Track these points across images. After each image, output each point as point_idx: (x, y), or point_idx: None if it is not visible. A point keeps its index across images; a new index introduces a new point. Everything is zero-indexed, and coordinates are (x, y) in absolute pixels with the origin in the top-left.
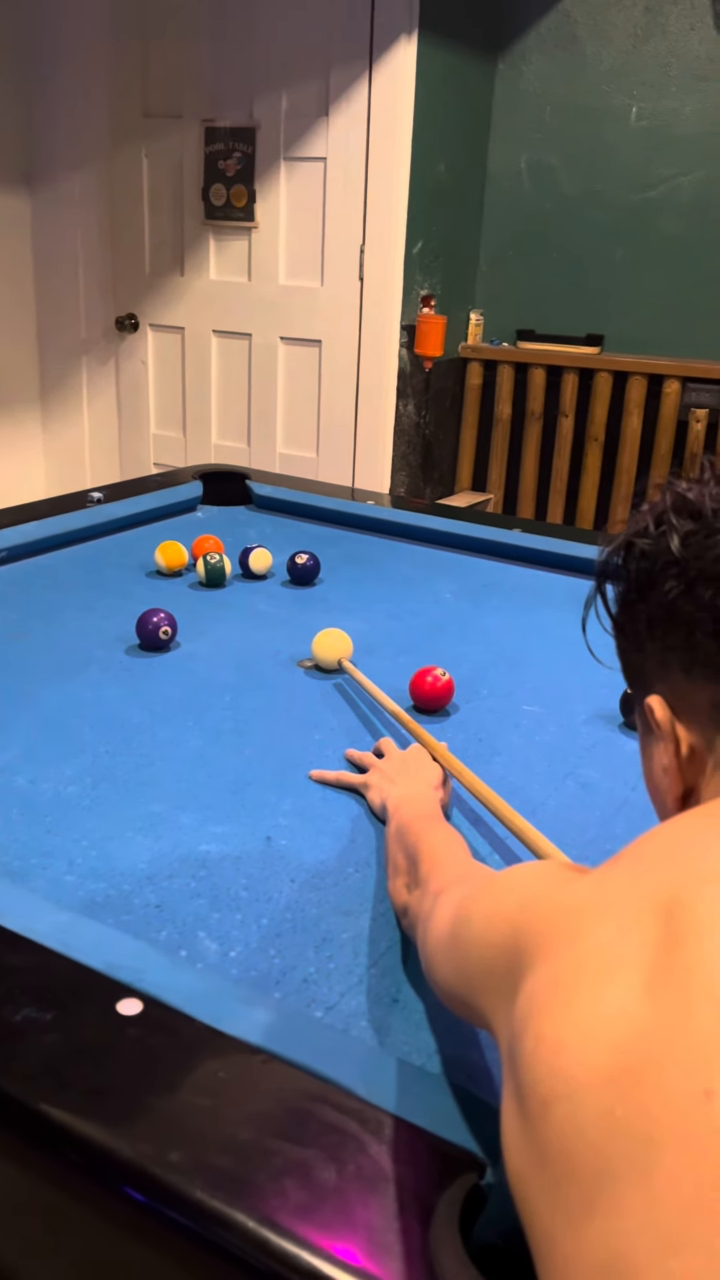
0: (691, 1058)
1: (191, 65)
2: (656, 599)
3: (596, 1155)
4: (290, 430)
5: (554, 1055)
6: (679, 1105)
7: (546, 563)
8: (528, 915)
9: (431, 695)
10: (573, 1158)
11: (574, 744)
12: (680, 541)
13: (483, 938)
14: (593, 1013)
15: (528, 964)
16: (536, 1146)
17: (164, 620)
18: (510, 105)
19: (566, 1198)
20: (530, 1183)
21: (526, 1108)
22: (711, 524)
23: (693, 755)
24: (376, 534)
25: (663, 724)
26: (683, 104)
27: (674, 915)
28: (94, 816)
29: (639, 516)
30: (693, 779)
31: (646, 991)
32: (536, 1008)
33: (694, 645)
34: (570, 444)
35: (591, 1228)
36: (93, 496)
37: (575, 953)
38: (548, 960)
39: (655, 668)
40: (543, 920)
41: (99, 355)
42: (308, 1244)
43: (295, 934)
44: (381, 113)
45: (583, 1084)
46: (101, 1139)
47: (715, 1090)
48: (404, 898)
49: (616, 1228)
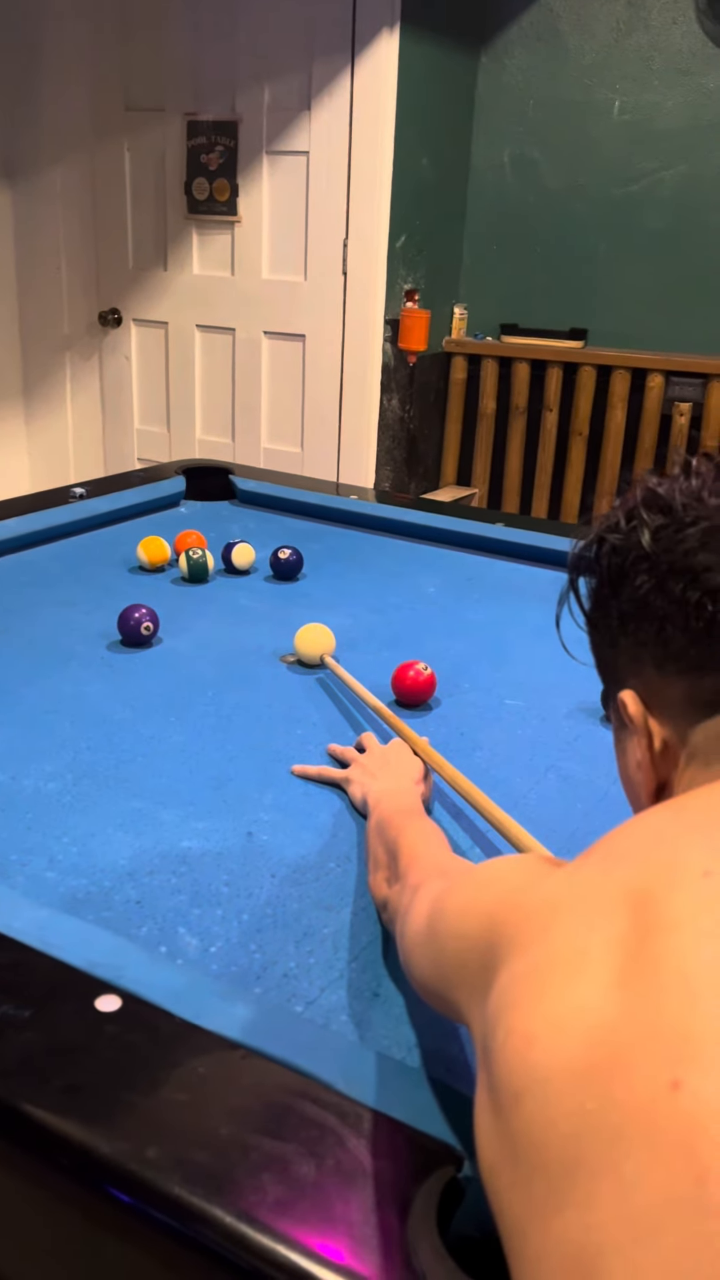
0: (659, 1049)
1: (173, 58)
2: (628, 594)
3: (566, 1148)
4: (274, 425)
5: (525, 1048)
6: (646, 1097)
7: (530, 557)
8: (501, 910)
9: (414, 689)
10: (543, 1151)
11: (556, 737)
12: (651, 536)
13: (457, 932)
14: (563, 1006)
15: (501, 958)
16: (508, 1140)
17: (146, 616)
18: (493, 99)
19: (537, 1190)
20: (502, 1176)
21: (498, 1101)
22: (682, 519)
23: (666, 749)
24: (360, 529)
25: (635, 718)
26: (665, 98)
27: (644, 908)
28: (75, 813)
29: (610, 512)
30: (666, 773)
31: (616, 984)
32: (508, 1002)
33: (665, 640)
34: (554, 438)
35: (561, 1220)
36: (75, 492)
37: (546, 947)
38: (520, 954)
39: (628, 662)
40: (515, 915)
41: (82, 350)
42: (285, 1238)
43: (276, 929)
44: (364, 106)
45: (553, 1077)
46: (79, 1136)
47: (682, 1081)
48: (384, 892)
49: (585, 1220)
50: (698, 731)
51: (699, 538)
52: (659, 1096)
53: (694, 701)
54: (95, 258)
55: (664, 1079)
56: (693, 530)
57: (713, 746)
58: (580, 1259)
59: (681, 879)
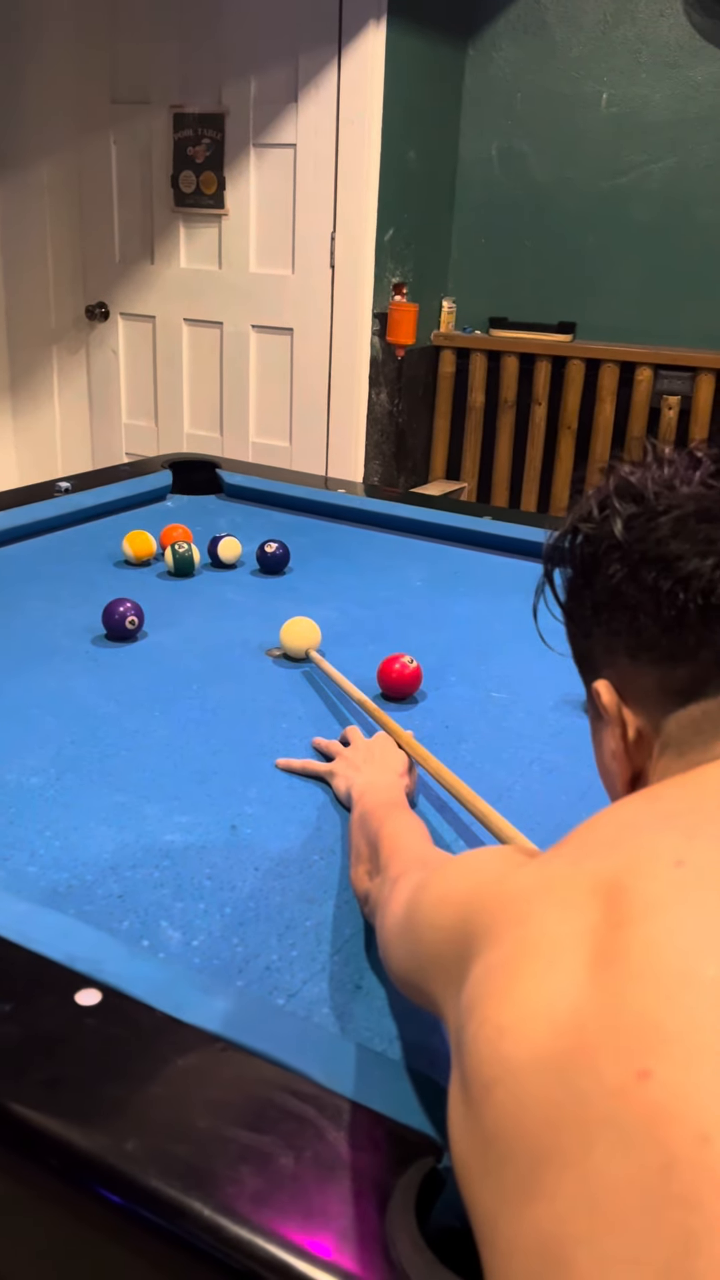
0: (626, 1039)
1: (159, 51)
2: (601, 583)
3: (536, 1138)
4: (263, 419)
5: (496, 1039)
6: (615, 1086)
7: (517, 550)
8: (475, 901)
9: (399, 683)
10: (513, 1141)
11: (541, 729)
12: (623, 525)
13: (433, 923)
14: (534, 997)
15: (475, 950)
16: (479, 1131)
17: (130, 610)
18: (481, 92)
19: (507, 1181)
20: (473, 1167)
21: (470, 1093)
22: (654, 507)
23: (640, 739)
24: (347, 522)
25: (609, 708)
26: (653, 90)
27: (615, 899)
28: (58, 807)
29: (583, 501)
30: (641, 762)
31: (587, 975)
32: (480, 993)
33: (638, 629)
34: (543, 432)
35: (531, 1210)
36: (60, 486)
37: (519, 938)
38: (493, 946)
39: (602, 652)
40: (489, 906)
41: (69, 344)
42: (264, 1231)
43: (258, 922)
44: (351, 99)
45: (523, 1068)
46: (56, 1130)
47: (649, 1071)
48: (365, 885)
49: (554, 1210)
50: (671, 721)
51: (670, 526)
52: (627, 1086)
53: (667, 691)
54: (82, 251)
55: (632, 1069)
56: (664, 519)
57: (686, 736)
58: (549, 1249)
59: (653, 869)
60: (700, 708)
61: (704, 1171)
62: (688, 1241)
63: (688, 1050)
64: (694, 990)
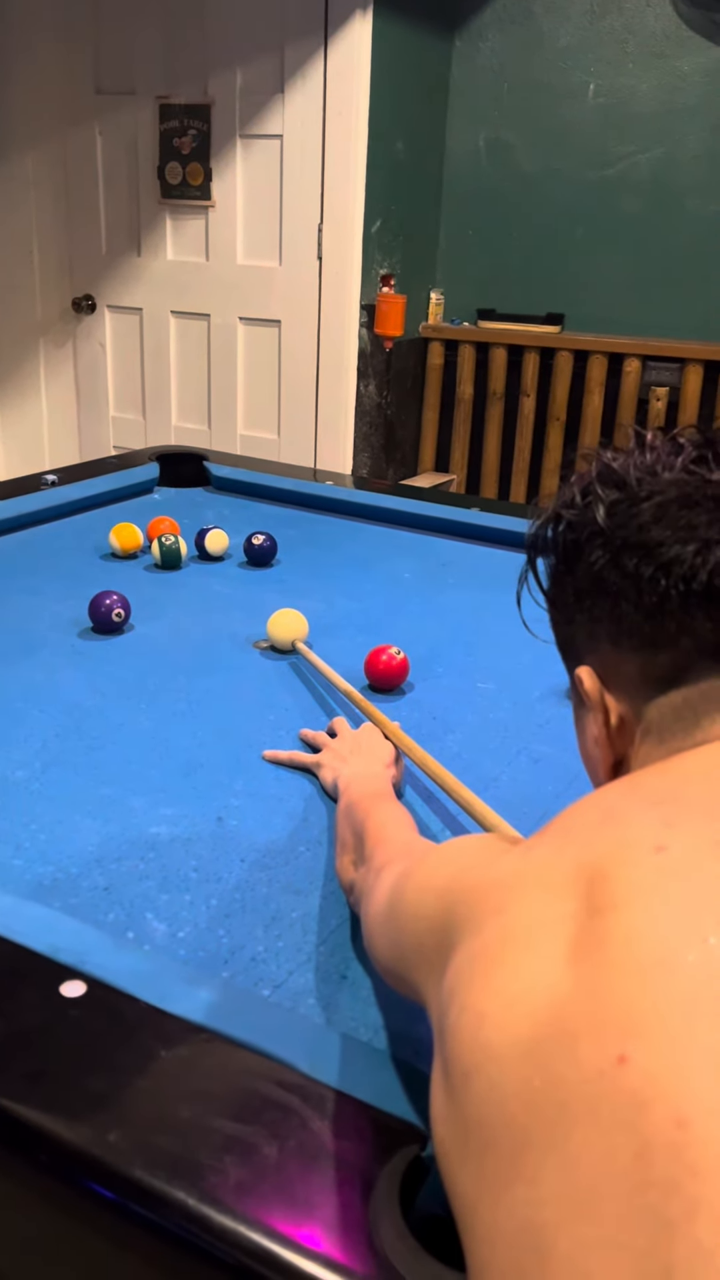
0: (605, 1025)
1: (144, 41)
2: (583, 570)
3: (515, 1125)
4: (251, 412)
5: (476, 1026)
6: (593, 1072)
7: (505, 541)
8: (457, 889)
9: (386, 674)
10: (493, 1128)
11: (528, 720)
12: (605, 512)
13: (414, 912)
14: (514, 984)
15: (456, 938)
16: (460, 1117)
17: (117, 602)
18: (467, 82)
19: (487, 1168)
20: (453, 1154)
21: (451, 1080)
22: (636, 493)
23: (622, 725)
24: (336, 515)
25: (592, 695)
26: (640, 81)
27: (595, 885)
28: (43, 800)
29: (566, 488)
30: (623, 749)
31: (566, 961)
32: (462, 980)
33: (620, 616)
34: (532, 424)
35: (510, 1196)
36: (47, 479)
37: (500, 925)
38: (474, 933)
39: (585, 639)
40: (471, 894)
41: (56, 337)
42: (247, 1220)
43: (244, 913)
44: (338, 90)
45: (503, 1055)
46: (40, 1122)
47: (627, 1056)
48: (350, 874)
49: (533, 1196)
50: (652, 708)
51: (652, 513)
52: (606, 1071)
53: (648, 678)
54: (68, 244)
55: (611, 1054)
56: (646, 505)
57: (667, 722)
58: (528, 1235)
59: (633, 855)
60: (681, 694)
61: (680, 1155)
62: (666, 1226)
63: (666, 1035)
64: (673, 975)
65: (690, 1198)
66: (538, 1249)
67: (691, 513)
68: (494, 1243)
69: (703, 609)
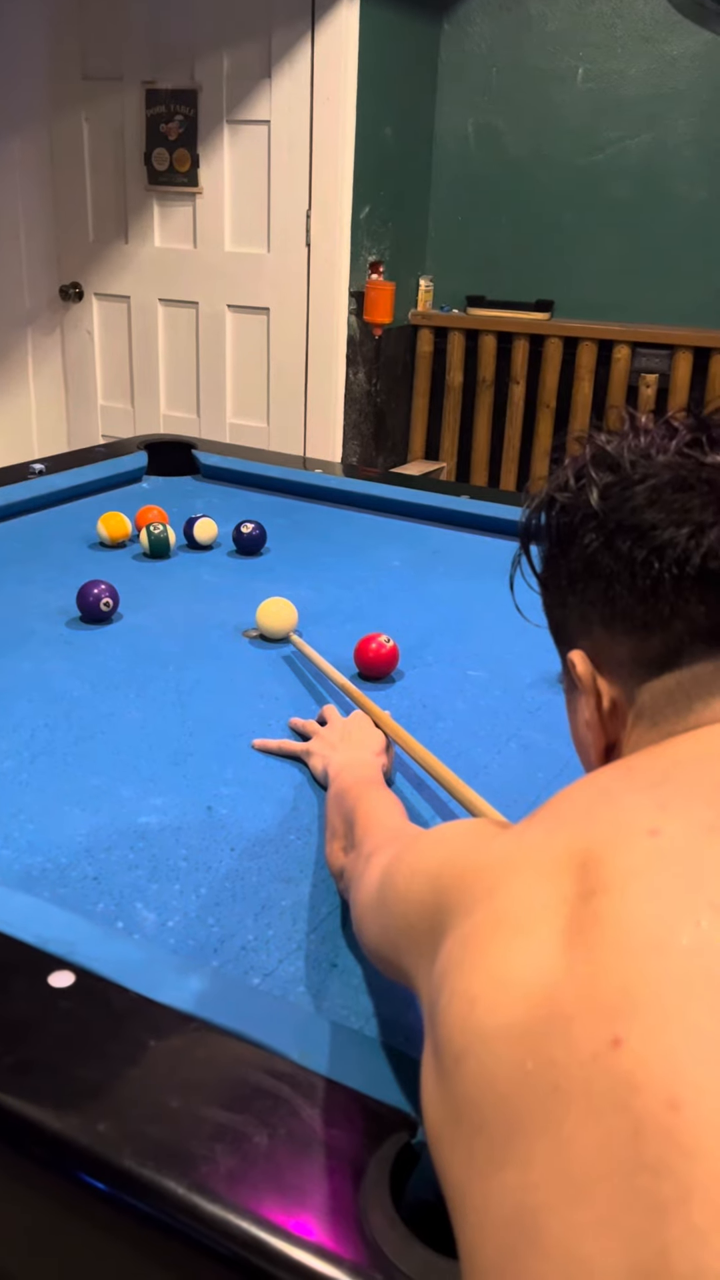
0: (599, 1008)
1: (130, 25)
2: (576, 553)
3: (507, 1108)
4: (240, 400)
5: (468, 1009)
6: (586, 1056)
7: (496, 529)
8: (448, 873)
9: (375, 662)
10: (484, 1111)
11: (518, 707)
12: (599, 495)
13: (405, 896)
14: (506, 966)
15: (447, 921)
16: (451, 1101)
17: (105, 592)
18: (456, 67)
19: (478, 1151)
20: (444, 1138)
21: (442, 1063)
22: (630, 476)
23: (614, 709)
24: (325, 503)
25: (584, 678)
26: (629, 65)
27: (588, 868)
28: (31, 791)
29: (560, 471)
30: (615, 733)
31: (559, 945)
32: (453, 963)
33: (613, 599)
34: (522, 411)
35: (501, 1180)
36: (34, 468)
37: (492, 908)
38: (465, 917)
39: (577, 622)
40: (462, 878)
41: (43, 326)
42: (238, 1208)
43: (234, 902)
44: (325, 74)
45: (494, 1038)
46: (27, 1112)
47: (622, 1039)
48: (340, 861)
49: (524, 1180)
50: (644, 691)
51: (646, 495)
52: (599, 1054)
53: (640, 661)
54: (55, 231)
55: (604, 1037)
56: (640, 488)
57: (659, 706)
58: (519, 1217)
59: (626, 838)
60: (674, 678)
61: (673, 1138)
62: (659, 1208)
63: (659, 1017)
64: (667, 958)
65: (683, 1180)
66: (530, 1231)
67: (685, 496)
68: (484, 1225)
69: (696, 592)
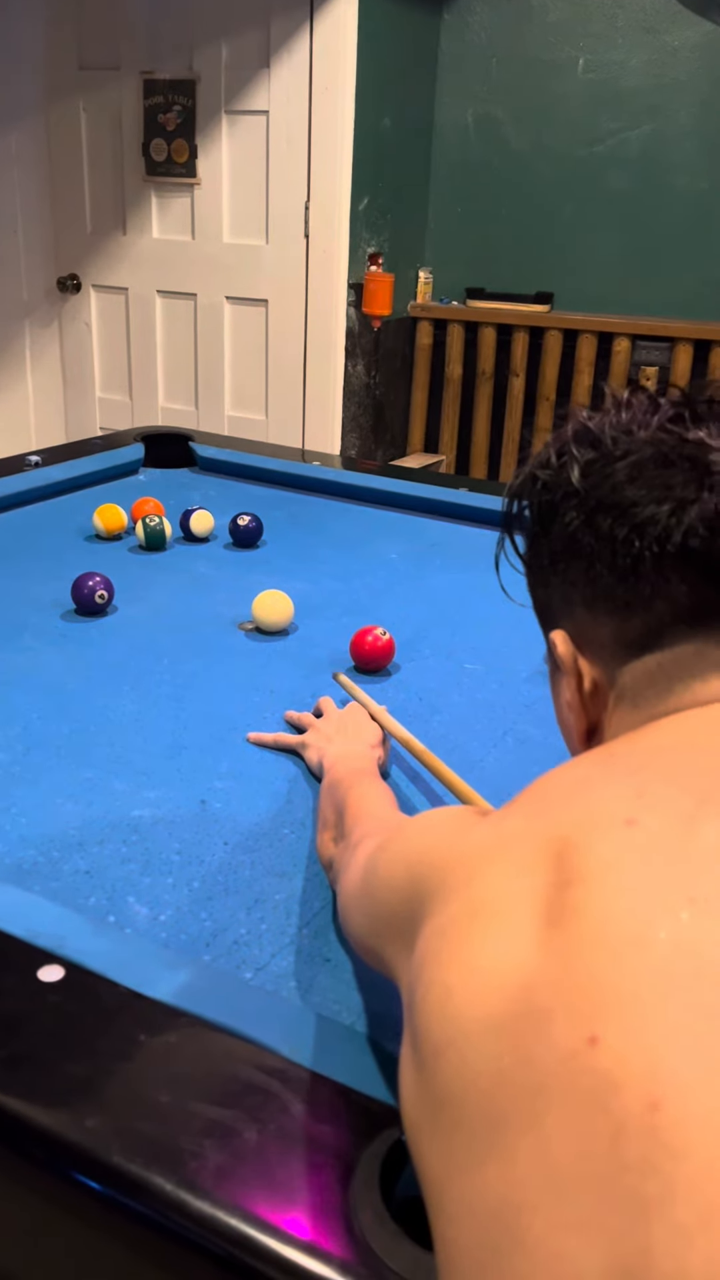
0: (577, 1004)
1: (128, 15)
2: (558, 532)
3: (487, 1103)
4: (238, 392)
5: (444, 1001)
6: (564, 1052)
7: (493, 522)
8: (427, 860)
9: (372, 655)
10: (463, 1105)
11: (514, 701)
12: (580, 472)
13: (386, 884)
14: (482, 958)
15: (425, 910)
16: (429, 1095)
17: (100, 584)
18: (456, 57)
19: (456, 1146)
20: (423, 1130)
21: (420, 1055)
22: (611, 453)
23: (596, 690)
24: (323, 496)
25: (565, 659)
26: (630, 56)
27: (565, 857)
28: (23, 784)
29: (542, 449)
30: (596, 714)
31: (535, 936)
32: (430, 953)
33: (594, 578)
34: (521, 403)
35: (482, 1176)
36: (30, 460)
37: (469, 897)
38: (443, 906)
39: (560, 603)
40: (440, 866)
41: (41, 317)
42: (226, 1205)
43: (227, 896)
44: (324, 64)
45: (472, 1031)
46: (16, 1108)
47: (600, 1037)
48: (330, 851)
49: (506, 1176)
50: (625, 673)
51: (627, 472)
52: (578, 1051)
53: (621, 642)
54: (52, 222)
55: (582, 1033)
56: (621, 464)
57: (640, 688)
58: (502, 1214)
59: (604, 828)
60: (655, 659)
61: (655, 1138)
62: (643, 1209)
63: (638, 1015)
64: (644, 953)
65: (667, 1179)
66: (513, 1229)
67: (667, 472)
68: (464, 1221)
69: (677, 571)
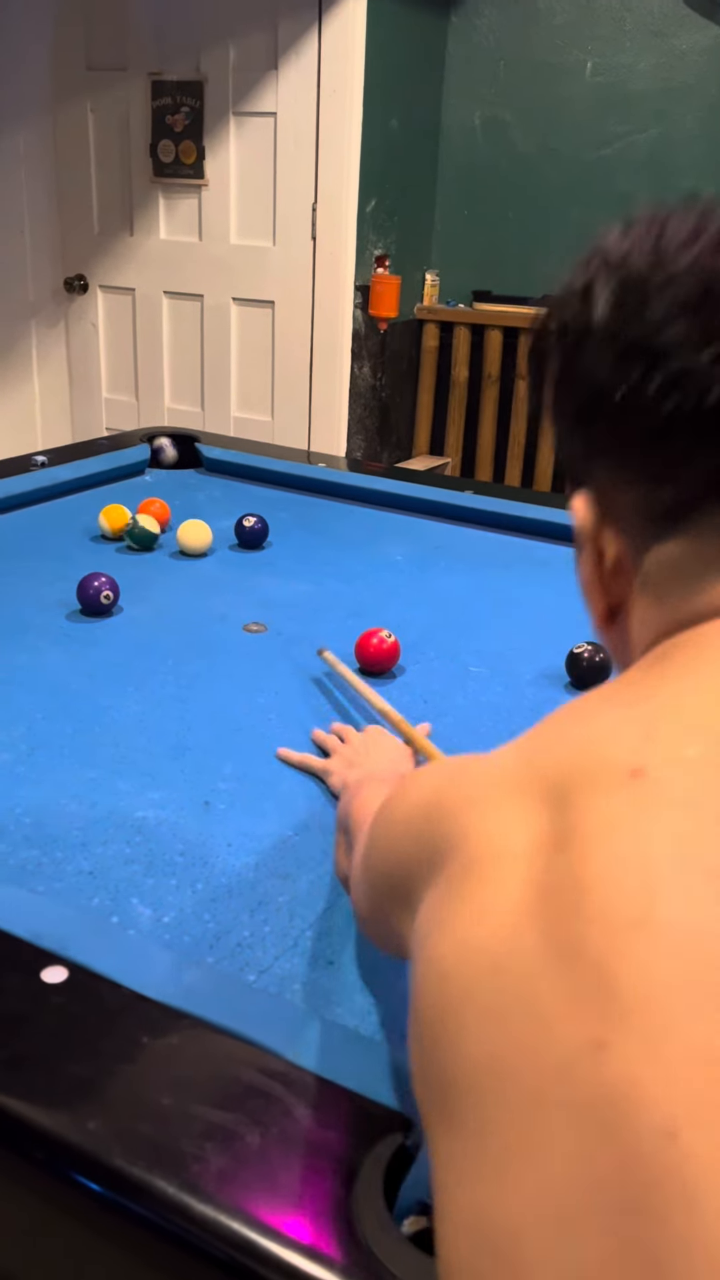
0: (578, 996)
1: (135, 16)
2: (582, 379)
3: (483, 1097)
4: (244, 394)
5: (440, 982)
6: (565, 1057)
7: (499, 524)
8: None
9: (376, 657)
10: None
11: (519, 703)
12: (609, 307)
13: (389, 845)
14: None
15: (424, 873)
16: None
17: (105, 584)
18: (464, 60)
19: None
20: (429, 1121)
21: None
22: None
23: (618, 568)
24: (329, 497)
25: (584, 527)
26: (637, 59)
27: (562, 810)
28: (28, 784)
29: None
30: (619, 595)
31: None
32: (427, 927)
33: (621, 437)
34: (527, 406)
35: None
36: (36, 460)
37: (464, 858)
38: (441, 868)
39: (583, 462)
40: (436, 819)
41: (48, 318)
42: (228, 1208)
43: (231, 898)
44: (332, 66)
45: (467, 1020)
46: (18, 1109)
47: (606, 1042)
48: (345, 865)
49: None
50: (650, 556)
51: (665, 309)
52: (581, 1056)
53: (647, 514)
54: (59, 223)
55: (583, 1036)
56: (658, 303)
57: (664, 576)
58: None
59: (606, 778)
60: (682, 546)
61: (669, 1174)
62: (652, 1261)
63: (651, 1021)
64: (654, 940)
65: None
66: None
67: (712, 312)
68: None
69: (716, 434)
